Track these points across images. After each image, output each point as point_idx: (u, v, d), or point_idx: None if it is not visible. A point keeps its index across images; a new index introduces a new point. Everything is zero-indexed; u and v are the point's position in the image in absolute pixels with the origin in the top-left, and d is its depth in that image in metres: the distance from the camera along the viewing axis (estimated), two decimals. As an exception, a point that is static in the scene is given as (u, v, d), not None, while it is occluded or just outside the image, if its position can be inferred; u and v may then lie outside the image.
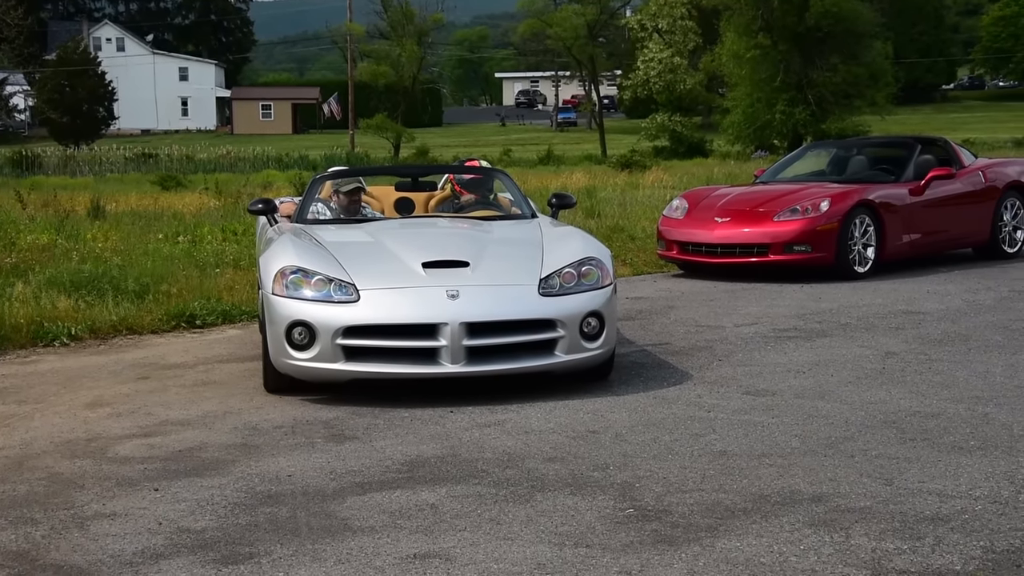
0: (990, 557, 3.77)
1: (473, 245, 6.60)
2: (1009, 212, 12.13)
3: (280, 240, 6.78)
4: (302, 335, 6.04)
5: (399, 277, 6.20)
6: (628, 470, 4.85)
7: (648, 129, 52.33)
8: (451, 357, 5.93)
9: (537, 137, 65.82)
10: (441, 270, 6.25)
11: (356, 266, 6.27)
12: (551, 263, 6.35)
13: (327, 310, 6.03)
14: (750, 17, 45.33)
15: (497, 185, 8.30)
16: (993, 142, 40.47)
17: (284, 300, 6.12)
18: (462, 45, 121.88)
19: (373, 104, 67.31)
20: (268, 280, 6.26)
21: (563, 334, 6.10)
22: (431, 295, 6.05)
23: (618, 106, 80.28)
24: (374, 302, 6.04)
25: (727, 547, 3.94)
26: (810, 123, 44.34)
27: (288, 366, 6.15)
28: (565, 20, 59.82)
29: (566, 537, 4.10)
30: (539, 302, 6.14)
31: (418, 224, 7.46)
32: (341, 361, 6.01)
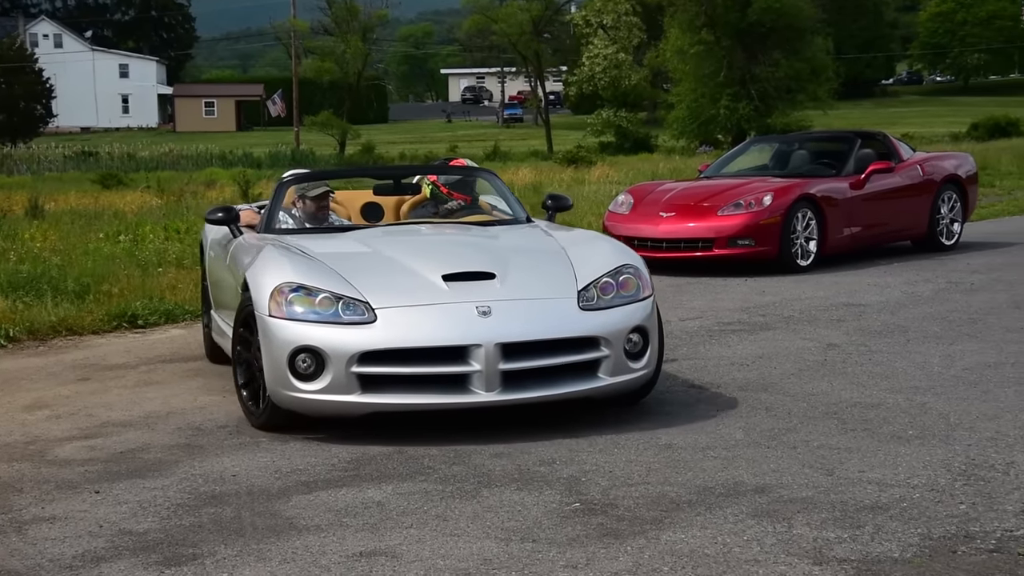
0: (927, 544, 3.84)
1: (491, 254, 5.79)
2: (946, 205, 12.32)
3: (267, 252, 5.77)
4: (308, 363, 5.19)
5: (419, 293, 5.35)
6: (574, 464, 4.87)
7: (594, 125, 52.56)
8: (485, 384, 5.13)
9: (483, 133, 65.79)
10: (465, 283, 5.41)
11: (365, 281, 5.41)
12: (585, 273, 5.56)
13: (339, 333, 5.16)
14: (693, 13, 45.69)
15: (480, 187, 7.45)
16: (931, 136, 41.10)
17: (284, 323, 5.24)
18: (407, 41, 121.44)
19: (318, 101, 66.94)
20: (262, 300, 5.35)
21: (607, 353, 5.35)
22: (459, 312, 5.23)
23: (564, 102, 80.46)
24: (394, 322, 5.19)
25: (672, 539, 3.98)
26: (754, 118, 44.79)
27: (291, 399, 5.28)
28: (510, 16, 59.91)
29: (512, 532, 4.11)
30: (581, 317, 5.36)
31: (414, 231, 6.50)
32: (356, 392, 5.16)
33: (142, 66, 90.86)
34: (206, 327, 7.46)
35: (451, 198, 7.18)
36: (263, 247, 5.94)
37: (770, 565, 3.71)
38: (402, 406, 5.20)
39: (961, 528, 3.95)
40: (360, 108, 70.61)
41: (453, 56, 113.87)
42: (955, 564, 3.66)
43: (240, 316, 5.67)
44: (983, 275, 10.16)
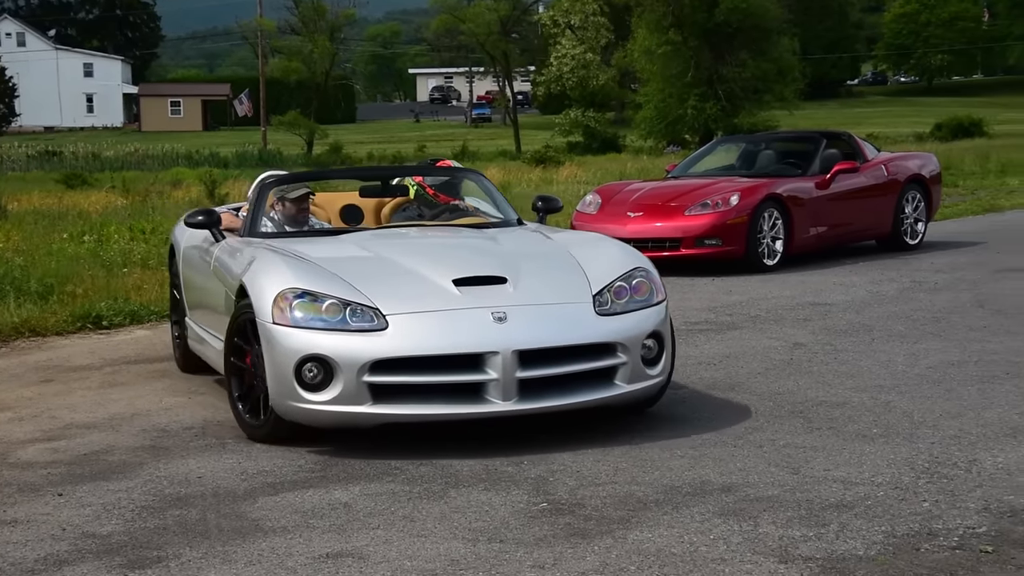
0: (891, 541, 3.86)
1: (498, 257, 5.61)
2: (910, 205, 12.42)
3: (265, 257, 5.53)
4: (315, 372, 4.98)
5: (431, 298, 5.16)
6: (542, 464, 4.87)
7: (562, 125, 52.60)
8: (502, 393, 4.94)
9: (452, 133, 65.72)
10: (477, 288, 5.23)
11: (372, 286, 5.20)
12: (597, 276, 5.40)
13: (349, 341, 4.96)
14: (661, 13, 45.84)
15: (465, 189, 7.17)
16: (895, 136, 41.44)
17: (290, 330, 5.02)
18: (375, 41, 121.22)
19: (285, 100, 66.63)
20: (264, 306, 5.12)
21: (625, 360, 5.19)
22: (474, 318, 5.05)
23: (532, 102, 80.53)
24: (406, 329, 5.00)
25: (639, 538, 3.99)
26: (721, 118, 45.01)
27: (298, 411, 5.05)
28: (478, 16, 59.91)
29: (480, 533, 4.11)
30: (598, 323, 5.20)
31: (409, 234, 6.25)
32: (368, 403, 4.96)
33: (107, 65, 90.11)
34: (177, 337, 7.17)
35: (437, 200, 6.90)
36: (257, 251, 5.70)
37: (736, 564, 3.73)
38: (415, 417, 4.98)
39: (924, 526, 3.98)
40: (328, 108, 70.36)
41: (421, 56, 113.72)
42: (918, 561, 3.69)
43: (235, 324, 5.41)
44: (947, 274, 10.26)
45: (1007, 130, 42.33)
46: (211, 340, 6.21)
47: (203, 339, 6.40)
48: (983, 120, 41.74)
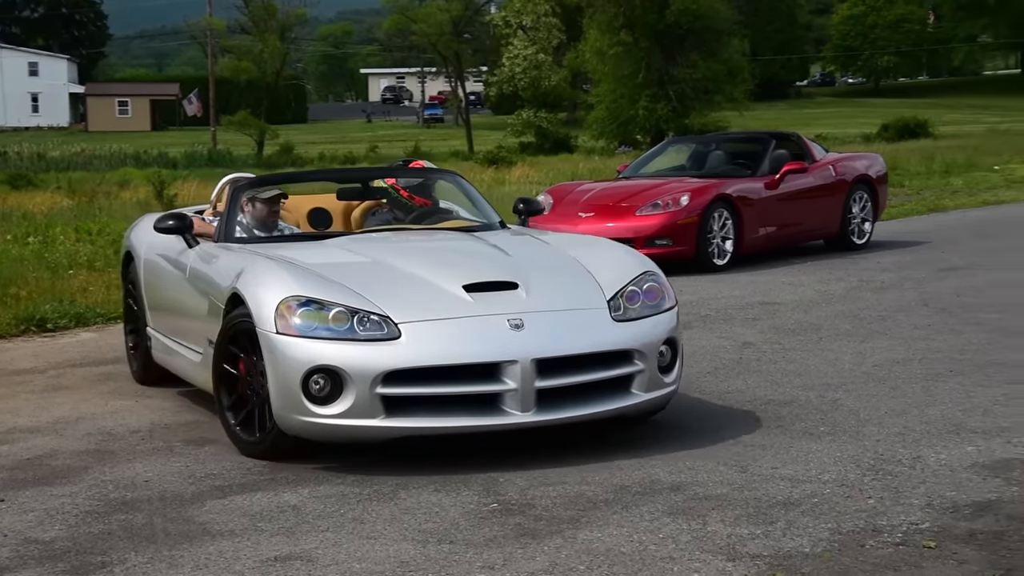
0: (836, 538, 3.91)
1: (504, 261, 5.41)
2: (858, 205, 12.56)
3: (260, 263, 5.26)
4: (323, 384, 4.75)
5: (443, 305, 4.95)
6: (493, 465, 4.86)
7: (514, 125, 52.69)
8: (520, 403, 4.75)
9: (404, 133, 65.55)
10: (489, 294, 5.02)
11: (379, 293, 4.97)
12: (608, 281, 5.24)
13: (361, 351, 4.73)
14: (612, 14, 46.02)
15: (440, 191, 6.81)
16: (843, 137, 41.89)
17: (296, 341, 4.76)
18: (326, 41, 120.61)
19: (235, 100, 66.09)
20: (265, 315, 4.86)
21: (642, 368, 5.04)
22: (491, 326, 4.85)
23: (484, 102, 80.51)
24: (420, 338, 4.78)
25: (589, 538, 4.00)
26: (672, 119, 45.26)
27: (305, 425, 4.81)
28: (430, 16, 59.80)
29: (430, 534, 4.10)
30: (615, 329, 5.04)
31: (402, 238, 6.03)
32: (380, 416, 4.73)
33: (52, 64, 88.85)
34: (133, 347, 6.85)
35: (411, 202, 6.55)
36: (247, 257, 5.42)
37: (684, 562, 3.75)
38: (430, 430, 4.77)
39: (869, 522, 4.03)
40: (278, 108, 69.90)
41: (373, 56, 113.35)
42: (863, 557, 3.74)
43: (227, 334, 5.13)
44: (893, 273, 10.39)
45: (951, 131, 42.95)
46: (184, 351, 5.93)
47: (173, 350, 6.12)
48: (928, 121, 42.28)
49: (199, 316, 5.66)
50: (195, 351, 5.76)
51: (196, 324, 5.72)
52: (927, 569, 3.62)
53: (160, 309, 6.43)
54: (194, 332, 5.76)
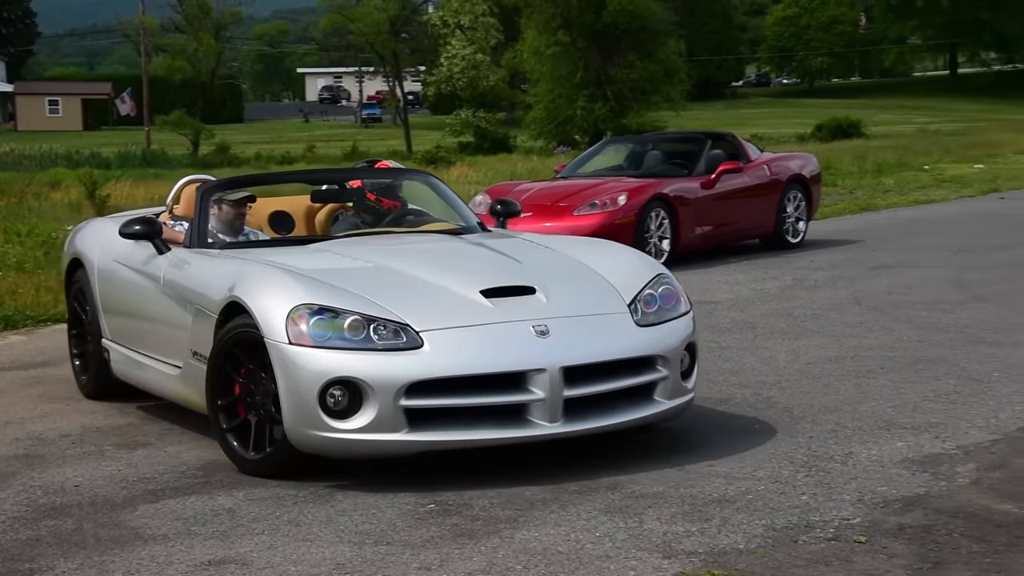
0: (770, 534, 3.95)
1: (515, 265, 5.18)
2: (792, 204, 12.71)
3: (258, 270, 4.97)
4: (340, 397, 4.49)
5: (463, 311, 4.72)
6: (429, 466, 4.85)
7: (452, 125, 52.61)
8: (548, 414, 4.54)
9: (342, 133, 65.13)
10: (508, 300, 4.81)
11: (392, 300, 4.73)
12: (623, 285, 5.07)
13: (382, 361, 4.48)
14: (549, 14, 46.18)
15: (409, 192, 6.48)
16: (778, 137, 42.38)
17: (312, 352, 4.49)
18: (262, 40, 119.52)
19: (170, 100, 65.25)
20: (274, 325, 4.58)
21: (665, 374, 4.88)
22: (516, 333, 4.64)
23: (423, 102, 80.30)
24: (444, 346, 4.56)
25: (526, 537, 4.00)
26: (610, 119, 45.52)
27: (322, 441, 4.53)
28: (367, 15, 59.46)
29: (366, 536, 4.08)
30: (640, 335, 4.87)
31: (395, 241, 5.72)
32: (404, 430, 4.49)
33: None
34: (81, 361, 6.43)
35: (379, 205, 6.20)
36: (240, 264, 5.12)
37: (621, 560, 3.77)
38: (456, 444, 4.54)
39: (802, 518, 4.08)
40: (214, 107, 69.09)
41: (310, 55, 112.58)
42: (795, 553, 3.78)
43: (225, 345, 4.83)
44: (826, 272, 10.53)
45: (883, 131, 43.66)
46: (156, 365, 5.60)
47: (140, 364, 5.77)
48: (861, 121, 42.95)
49: (178, 327, 5.32)
50: (172, 364, 5.41)
51: (174, 336, 5.36)
52: (858, 563, 3.67)
53: (121, 320, 6.03)
54: (170, 344, 5.40)
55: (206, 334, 5.01)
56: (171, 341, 5.42)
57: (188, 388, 5.24)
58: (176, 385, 5.40)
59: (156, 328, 5.62)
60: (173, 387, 5.45)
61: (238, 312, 4.82)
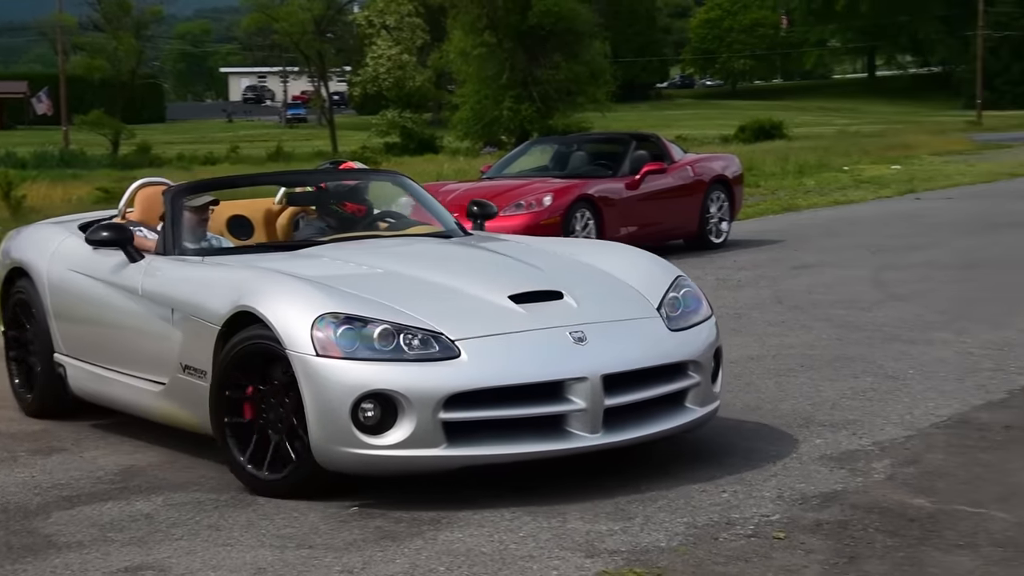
0: (692, 532, 3.99)
1: (530, 270, 4.95)
2: (715, 204, 12.86)
3: (269, 277, 4.67)
4: (373, 412, 4.23)
5: (496, 318, 4.49)
6: (352, 468, 4.81)
7: (379, 126, 52.36)
8: (589, 425, 4.33)
9: (266, 133, 64.49)
10: (538, 305, 4.59)
11: (420, 307, 4.47)
12: (646, 288, 4.92)
13: (419, 373, 4.23)
14: (475, 15, 46.20)
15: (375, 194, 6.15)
16: (702, 138, 42.91)
17: (342, 364, 4.22)
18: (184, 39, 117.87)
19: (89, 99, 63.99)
20: (297, 336, 4.29)
21: (698, 380, 4.70)
22: (553, 340, 4.43)
23: (348, 102, 79.83)
24: (483, 355, 4.32)
25: (449, 539, 3.99)
26: (536, 119, 45.66)
27: (354, 458, 4.26)
28: (291, 15, 58.94)
29: (288, 539, 4.04)
30: (673, 340, 4.70)
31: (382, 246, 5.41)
32: (443, 445, 4.23)
33: None
34: (22, 379, 6.02)
35: (342, 209, 5.87)
36: (241, 271, 4.82)
37: (544, 560, 3.77)
38: (496, 458, 4.29)
39: (723, 515, 4.12)
40: (134, 107, 67.93)
41: (233, 55, 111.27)
42: (716, 550, 3.82)
43: (234, 358, 4.50)
44: (748, 272, 10.66)
45: (804, 132, 44.40)
46: (130, 381, 5.21)
47: (109, 380, 5.38)
48: (783, 123, 43.66)
49: (160, 340, 4.96)
50: (152, 380, 5.05)
51: (154, 350, 5.00)
52: (776, 559, 3.72)
53: (81, 333, 5.62)
54: (150, 359, 5.05)
55: (202, 347, 4.67)
56: (151, 355, 5.05)
57: (175, 405, 4.92)
58: (158, 402, 5.03)
59: (130, 342, 5.22)
60: (154, 404, 5.08)
61: (248, 323, 4.49)
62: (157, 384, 5.01)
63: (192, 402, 4.77)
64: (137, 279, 5.20)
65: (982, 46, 57.97)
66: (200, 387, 4.70)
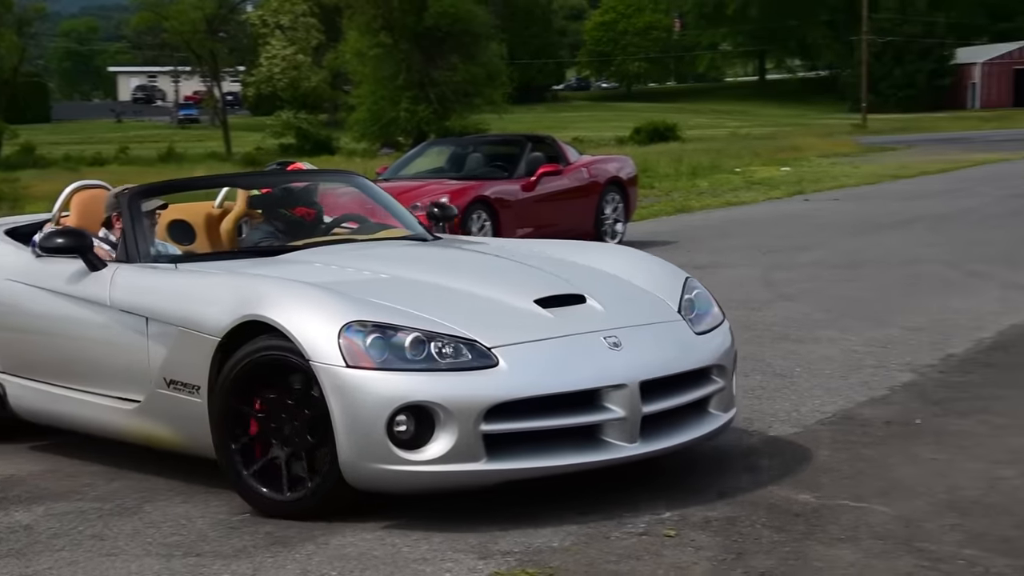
0: (584, 532, 4.00)
1: (542, 273, 4.74)
2: (610, 206, 13.00)
3: (280, 285, 4.35)
4: (407, 425, 3.98)
5: (530, 324, 4.27)
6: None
7: (273, 126, 51.75)
8: (627, 433, 4.13)
9: (157, 134, 63.24)
10: (564, 310, 4.40)
11: (447, 313, 4.23)
12: (660, 291, 4.76)
13: (458, 382, 3.99)
14: (371, 15, 46.00)
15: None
16: (599, 140, 43.30)
17: (378, 375, 3.96)
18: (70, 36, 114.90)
19: (-32, 98, 62.08)
20: (323, 346, 4.01)
21: (722, 385, 4.56)
22: (590, 346, 4.24)
23: (242, 103, 78.71)
24: (522, 363, 4.08)
25: (341, 543, 3.95)
26: (433, 121, 45.63)
27: (389, 475, 4.00)
28: (182, 14, 57.87)
29: (175, 548, 3.96)
30: (700, 343, 4.55)
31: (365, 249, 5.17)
32: (483, 458, 4.00)
33: None
34: None
35: (291, 213, 5.51)
36: (241, 278, 4.49)
37: (437, 563, 3.76)
38: (536, 471, 4.06)
39: (615, 515, 4.15)
40: (17, 107, 66.04)
41: (122, 53, 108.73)
42: (608, 549, 3.85)
43: (242, 372, 4.19)
44: (642, 271, 10.78)
45: (697, 134, 45.15)
46: (89, 399, 4.84)
47: (67, 399, 4.96)
48: (676, 125, 44.35)
49: (134, 354, 4.61)
50: (122, 398, 4.70)
51: (124, 365, 4.66)
52: (667, 556, 3.76)
53: (24, 349, 5.17)
54: (120, 375, 4.69)
55: (194, 361, 4.35)
56: (120, 371, 4.69)
57: (153, 423, 4.58)
58: (130, 421, 4.67)
59: (93, 357, 4.83)
60: (124, 423, 4.71)
61: (254, 334, 4.19)
62: (128, 402, 4.67)
63: (177, 419, 4.47)
64: (102, 289, 4.79)
65: (866, 51, 59.62)
66: (190, 403, 4.40)
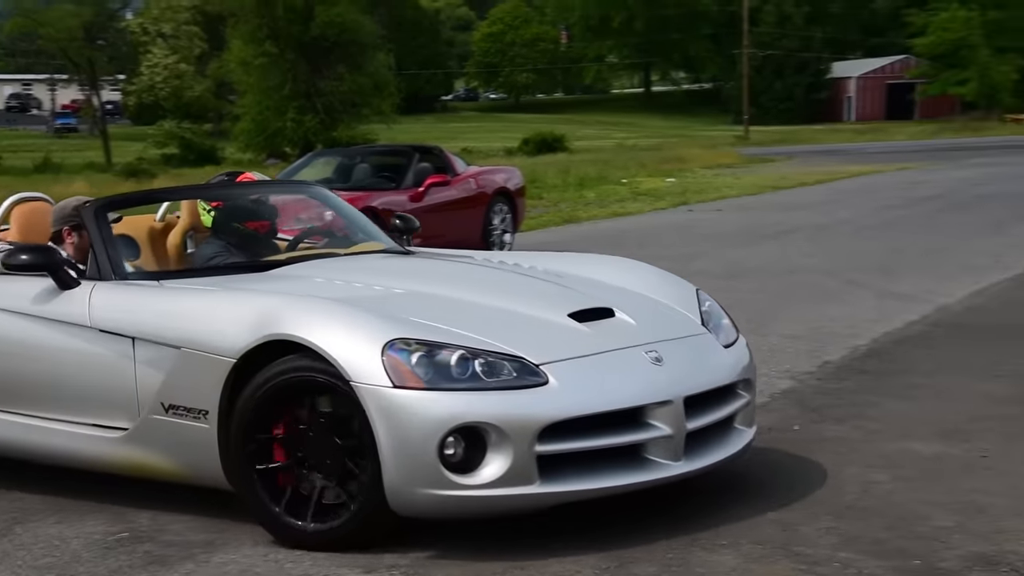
0: (473, 544, 3.99)
1: (557, 287, 4.59)
2: (498, 216, 13.05)
3: (306, 302, 4.10)
4: (456, 448, 3.75)
5: (571, 340, 4.11)
6: (121, 494, 4.60)
7: (156, 136, 50.68)
8: (672, 452, 3.97)
9: (32, 144, 61.34)
10: (598, 324, 4.24)
11: (487, 330, 4.03)
12: (678, 303, 4.66)
13: (511, 402, 3.78)
14: (255, 25, 45.40)
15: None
16: (488, 151, 43.45)
17: (428, 395, 3.73)
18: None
19: None
20: (365, 366, 3.76)
21: (748, 399, 4.43)
22: (634, 361, 4.08)
23: (123, 112, 76.94)
24: (573, 381, 3.90)
25: (223, 560, 3.88)
26: (320, 131, 45.21)
27: (439, 501, 3.76)
28: (58, 20, 56.32)
29: (47, 570, 3.84)
30: (729, 357, 4.43)
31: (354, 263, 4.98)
32: (537, 481, 3.78)
33: None
34: None
35: (242, 226, 5.25)
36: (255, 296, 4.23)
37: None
38: (586, 493, 3.85)
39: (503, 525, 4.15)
40: None
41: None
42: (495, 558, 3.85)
43: (266, 394, 3.93)
44: (530, 281, 10.83)
45: (585, 146, 45.62)
46: (65, 428, 4.49)
47: (30, 427, 4.60)
48: (564, 136, 44.74)
49: (119, 378, 4.32)
50: (105, 426, 4.39)
51: (109, 389, 4.35)
52: (552, 567, 3.77)
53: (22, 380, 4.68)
54: (102, 401, 4.38)
55: (202, 383, 4.07)
56: (102, 397, 4.38)
57: (145, 452, 4.28)
58: (116, 449, 4.36)
59: (68, 383, 4.49)
60: (109, 452, 4.39)
61: (277, 354, 3.93)
62: (114, 430, 4.36)
63: (178, 447, 4.18)
64: (79, 309, 4.45)
65: (747, 64, 61.02)
66: (194, 429, 4.11)
